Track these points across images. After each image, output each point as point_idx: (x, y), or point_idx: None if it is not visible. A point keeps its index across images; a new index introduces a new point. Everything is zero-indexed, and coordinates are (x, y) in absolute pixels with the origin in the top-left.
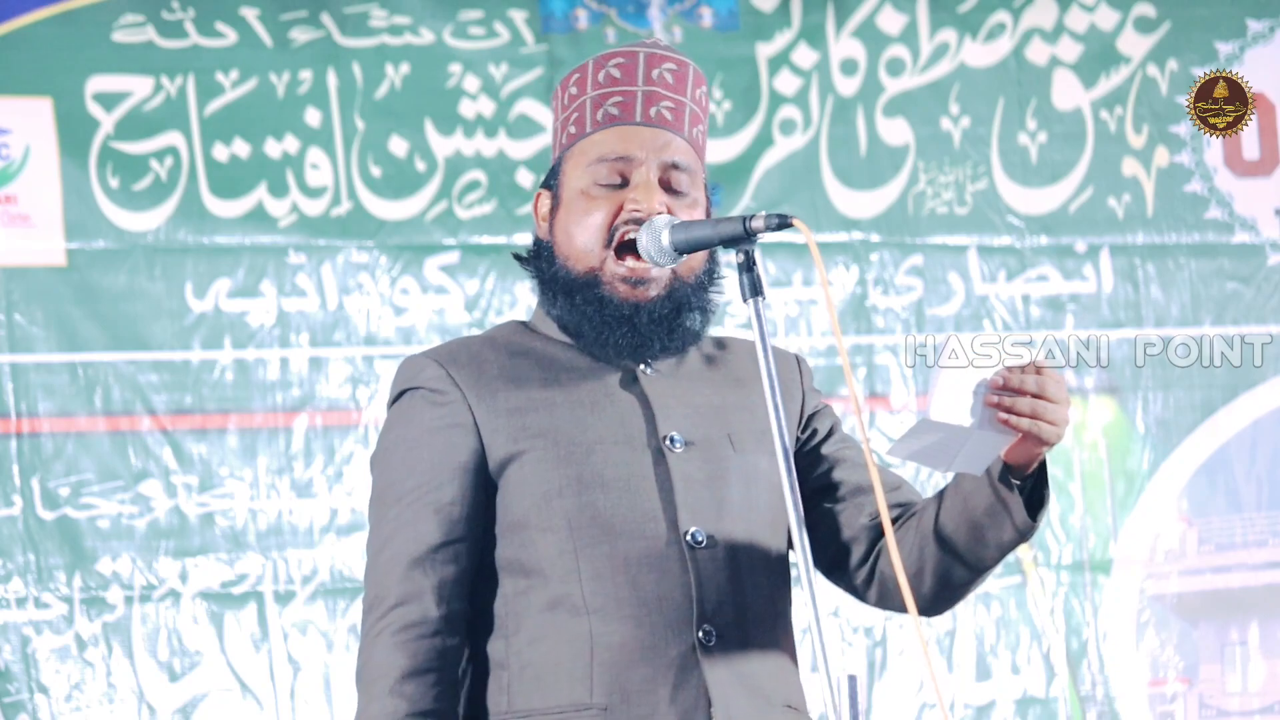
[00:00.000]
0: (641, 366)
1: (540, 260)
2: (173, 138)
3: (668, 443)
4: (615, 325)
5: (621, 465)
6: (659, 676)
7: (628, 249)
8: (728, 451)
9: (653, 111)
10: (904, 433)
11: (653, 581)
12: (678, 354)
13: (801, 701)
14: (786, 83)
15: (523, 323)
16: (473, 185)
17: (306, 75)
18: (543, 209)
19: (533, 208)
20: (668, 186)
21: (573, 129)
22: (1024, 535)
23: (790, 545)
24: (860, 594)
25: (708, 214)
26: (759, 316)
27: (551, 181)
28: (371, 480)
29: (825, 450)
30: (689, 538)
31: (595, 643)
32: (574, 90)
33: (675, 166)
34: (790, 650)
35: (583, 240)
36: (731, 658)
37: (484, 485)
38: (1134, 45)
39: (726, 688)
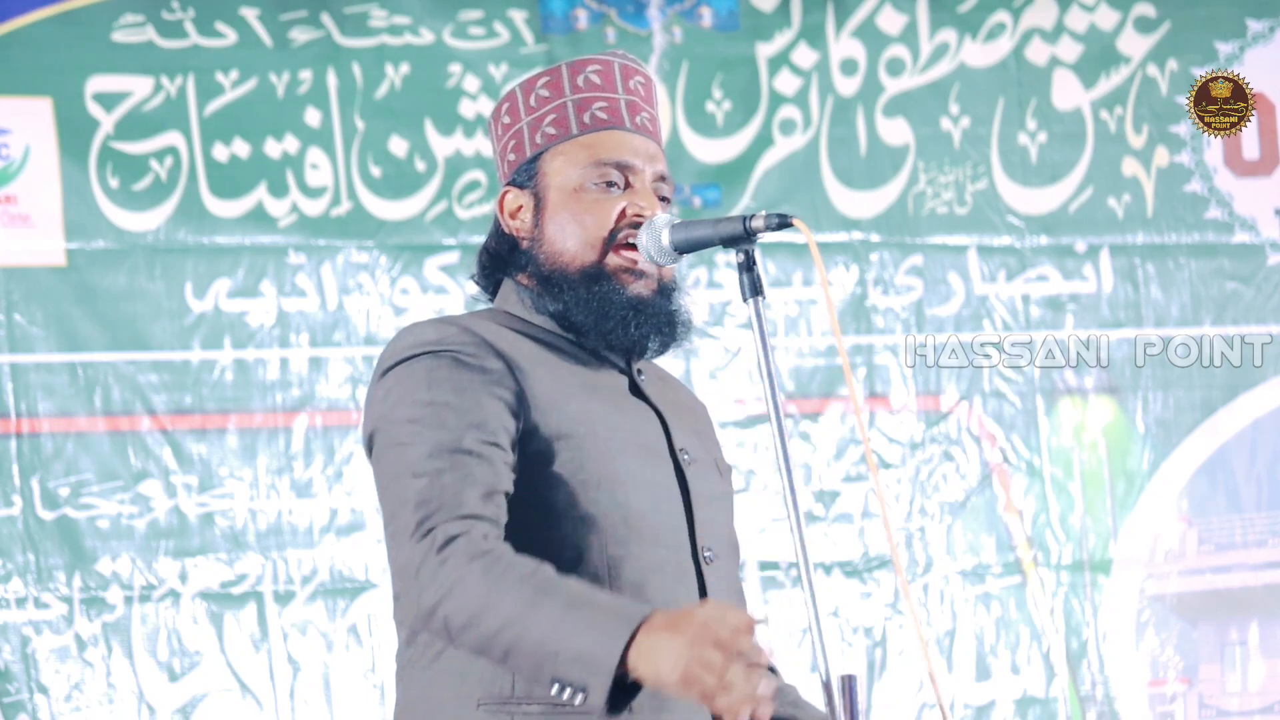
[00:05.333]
0: (637, 372)
1: (515, 257)
2: (173, 138)
3: (683, 456)
4: (628, 315)
5: (648, 470)
6: None
7: (626, 247)
8: (716, 474)
9: (638, 120)
10: None
11: (674, 590)
12: (665, 352)
13: None
14: (786, 83)
15: (506, 310)
16: (473, 185)
17: (306, 75)
18: (511, 206)
19: (498, 206)
20: (657, 195)
21: (551, 129)
22: None
23: None
24: None
25: None
26: (759, 316)
27: (525, 181)
28: (390, 435)
29: None
30: (705, 553)
31: None
32: (545, 93)
33: (663, 178)
34: None
35: (582, 238)
36: None
37: (519, 458)
38: (1134, 45)
39: None
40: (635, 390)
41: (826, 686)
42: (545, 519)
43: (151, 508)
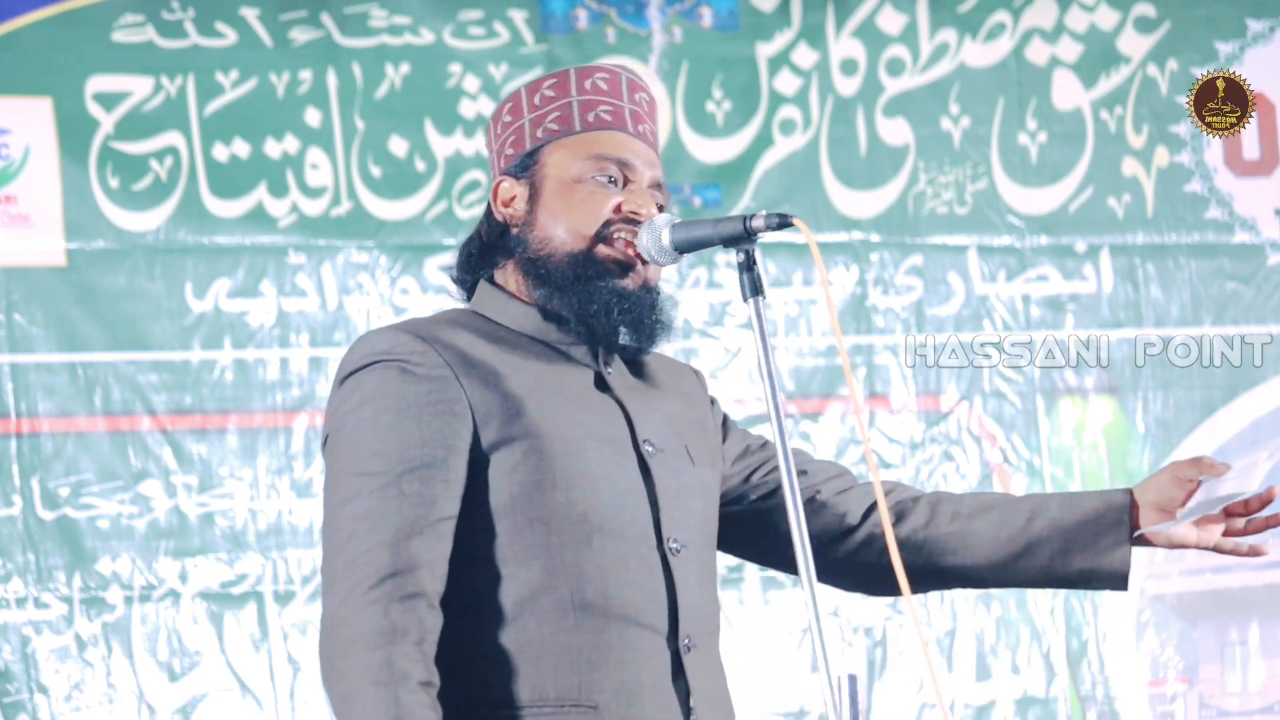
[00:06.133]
0: (606, 366)
1: (506, 244)
2: (173, 138)
3: (647, 448)
4: (611, 301)
5: (610, 465)
6: (646, 679)
7: (618, 241)
8: (688, 463)
9: (640, 128)
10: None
11: (639, 584)
12: (641, 350)
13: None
14: (786, 83)
15: (475, 311)
16: (473, 185)
17: (306, 75)
18: (505, 195)
19: (492, 195)
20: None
21: (554, 125)
22: (1083, 583)
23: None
24: (845, 575)
25: None
26: (759, 316)
27: (521, 171)
28: (337, 448)
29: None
30: (671, 544)
31: (582, 640)
32: (550, 93)
33: (659, 185)
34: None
35: (573, 227)
36: (703, 666)
37: (469, 467)
38: (1134, 45)
39: (703, 695)
40: (602, 385)
41: (826, 686)
42: (502, 523)
43: (151, 508)
